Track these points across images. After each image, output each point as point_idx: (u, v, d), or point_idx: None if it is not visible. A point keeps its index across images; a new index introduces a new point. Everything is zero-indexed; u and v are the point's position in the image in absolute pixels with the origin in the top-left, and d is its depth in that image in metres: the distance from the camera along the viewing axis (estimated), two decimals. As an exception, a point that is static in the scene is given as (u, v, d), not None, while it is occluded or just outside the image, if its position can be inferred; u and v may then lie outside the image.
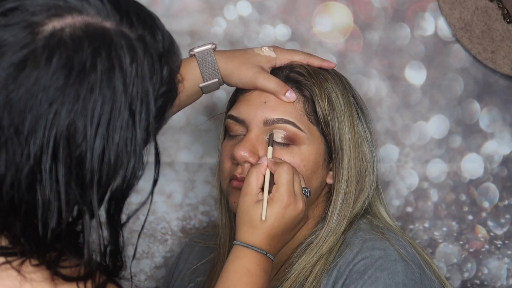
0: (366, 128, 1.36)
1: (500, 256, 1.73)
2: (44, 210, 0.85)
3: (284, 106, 1.31)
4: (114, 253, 0.93)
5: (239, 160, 1.29)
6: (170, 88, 0.92)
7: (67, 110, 0.84)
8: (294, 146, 1.30)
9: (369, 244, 1.27)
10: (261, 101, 1.32)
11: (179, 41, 1.67)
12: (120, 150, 0.87)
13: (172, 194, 1.71)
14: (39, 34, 0.84)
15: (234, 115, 1.33)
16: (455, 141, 1.71)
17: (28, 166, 0.84)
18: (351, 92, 1.37)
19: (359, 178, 1.32)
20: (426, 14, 1.68)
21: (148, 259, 1.71)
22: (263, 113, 1.30)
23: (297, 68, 1.34)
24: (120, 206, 0.93)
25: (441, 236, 1.72)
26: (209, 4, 1.67)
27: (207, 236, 1.54)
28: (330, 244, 1.29)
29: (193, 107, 1.69)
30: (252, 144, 1.30)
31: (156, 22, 0.93)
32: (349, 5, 1.67)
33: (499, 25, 1.65)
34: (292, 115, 1.30)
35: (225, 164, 1.34)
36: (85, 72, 0.84)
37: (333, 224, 1.30)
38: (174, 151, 1.69)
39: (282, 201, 1.22)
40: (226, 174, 1.33)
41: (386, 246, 1.27)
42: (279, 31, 1.68)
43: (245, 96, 1.34)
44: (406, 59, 1.69)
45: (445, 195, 1.72)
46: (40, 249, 0.87)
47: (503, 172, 1.72)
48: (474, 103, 1.71)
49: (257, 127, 1.31)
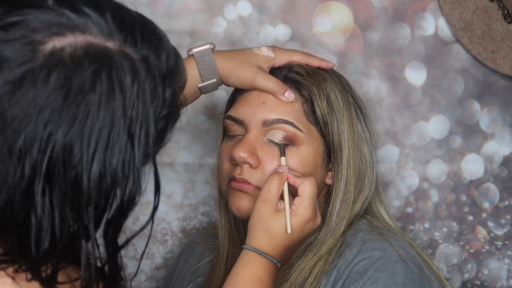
0: (365, 128, 1.35)
1: (500, 256, 1.73)
2: (37, 232, 0.83)
3: (283, 106, 1.30)
4: (113, 272, 0.91)
5: (238, 161, 1.28)
6: (171, 110, 0.89)
7: (63, 133, 0.81)
8: (293, 146, 1.29)
9: (369, 245, 1.27)
10: (260, 102, 1.31)
11: (179, 41, 1.68)
12: (117, 174, 0.85)
13: (172, 195, 1.71)
14: (39, 52, 0.82)
15: (233, 116, 1.33)
16: (455, 141, 1.71)
17: (21, 188, 0.81)
18: (350, 92, 1.36)
19: (358, 179, 1.32)
20: (426, 14, 1.68)
21: (148, 260, 1.71)
22: (262, 114, 1.30)
23: (295, 68, 1.33)
24: (117, 229, 0.91)
25: (441, 237, 1.72)
26: (209, 4, 1.67)
27: (207, 237, 1.53)
28: (330, 245, 1.28)
29: (193, 107, 1.69)
30: (251, 144, 1.29)
31: (161, 42, 0.89)
32: (349, 5, 1.67)
33: (499, 25, 1.65)
34: (290, 115, 1.30)
35: (224, 164, 1.33)
36: (84, 93, 0.82)
37: (332, 224, 1.29)
38: (174, 151, 1.69)
39: (305, 215, 1.22)
40: (225, 175, 1.32)
41: (386, 247, 1.26)
42: (279, 31, 1.68)
43: (243, 97, 1.34)
44: (406, 59, 1.69)
45: (445, 196, 1.72)
46: (33, 266, 0.85)
47: (503, 172, 1.72)
48: (474, 104, 1.71)
49: (256, 128, 1.30)
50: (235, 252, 1.38)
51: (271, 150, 1.29)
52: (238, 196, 1.29)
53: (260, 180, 1.28)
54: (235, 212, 1.30)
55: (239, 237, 1.40)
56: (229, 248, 1.40)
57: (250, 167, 1.28)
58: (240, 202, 1.29)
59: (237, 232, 1.40)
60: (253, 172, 1.29)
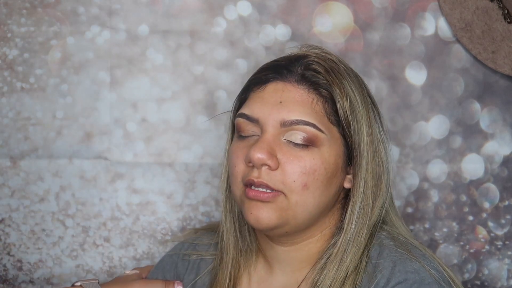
0: (382, 129, 1.30)
1: (500, 256, 1.73)
2: None
3: (302, 107, 1.23)
4: None
5: (256, 163, 1.20)
6: None
7: None
8: (314, 147, 1.22)
9: (401, 267, 1.20)
10: (276, 100, 1.23)
11: (179, 41, 1.68)
12: None
13: (172, 195, 1.71)
14: None
15: (247, 114, 1.25)
16: (456, 141, 1.71)
17: None
18: (366, 91, 1.30)
19: (375, 182, 1.26)
20: (427, 14, 1.68)
21: (148, 260, 1.71)
22: (280, 114, 1.22)
23: (313, 65, 1.25)
24: None
25: (441, 237, 1.72)
26: (209, 4, 1.67)
27: (200, 247, 1.44)
28: (353, 258, 1.22)
29: (193, 107, 1.69)
30: (270, 145, 1.21)
31: None
32: (349, 5, 1.67)
33: (499, 25, 1.65)
34: (312, 116, 1.22)
35: (238, 167, 1.24)
36: None
37: (351, 232, 1.23)
38: (174, 152, 1.69)
39: None
40: (240, 178, 1.24)
41: (418, 268, 1.20)
42: (279, 31, 1.68)
43: (257, 94, 1.26)
44: (406, 59, 1.69)
45: (445, 196, 1.72)
46: None
47: (504, 172, 1.72)
48: (475, 104, 1.71)
49: (273, 128, 1.23)
50: (240, 258, 1.34)
51: (291, 150, 1.22)
52: (256, 206, 1.22)
53: (280, 182, 1.21)
54: (252, 223, 1.23)
55: (244, 244, 1.35)
56: (234, 255, 1.34)
57: (269, 169, 1.21)
58: (259, 213, 1.21)
59: (241, 238, 1.34)
60: (272, 174, 1.21)
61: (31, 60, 1.68)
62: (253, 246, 1.35)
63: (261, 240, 1.34)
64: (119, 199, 1.70)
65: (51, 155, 1.69)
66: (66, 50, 1.68)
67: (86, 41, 1.68)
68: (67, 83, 1.69)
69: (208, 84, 1.69)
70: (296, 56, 1.28)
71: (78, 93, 1.69)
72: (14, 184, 1.69)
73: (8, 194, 1.70)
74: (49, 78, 1.69)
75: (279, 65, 1.28)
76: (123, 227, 1.71)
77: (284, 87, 1.25)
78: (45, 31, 1.68)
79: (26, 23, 1.68)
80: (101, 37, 1.69)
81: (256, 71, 1.30)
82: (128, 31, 1.68)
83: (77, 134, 1.69)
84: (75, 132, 1.69)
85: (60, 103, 1.69)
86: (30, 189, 1.70)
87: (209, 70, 1.69)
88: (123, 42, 1.68)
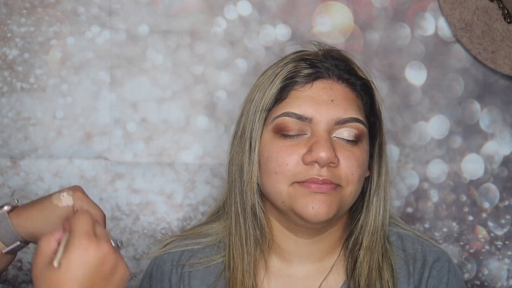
0: (384, 123, 1.38)
1: (500, 256, 1.73)
2: None
3: (352, 104, 1.28)
4: None
5: (324, 162, 1.23)
6: None
7: None
8: (360, 142, 1.28)
9: (428, 249, 1.36)
10: (327, 99, 1.27)
11: (179, 41, 1.68)
12: None
13: (172, 195, 1.71)
14: None
15: (297, 113, 1.26)
16: (456, 141, 1.71)
17: None
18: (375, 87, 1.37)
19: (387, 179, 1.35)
20: (427, 14, 1.68)
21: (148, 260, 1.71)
22: (335, 113, 1.26)
23: (348, 63, 1.32)
24: None
25: (441, 237, 1.72)
26: (209, 4, 1.67)
27: (202, 252, 1.39)
28: (380, 242, 1.32)
29: (193, 107, 1.69)
30: (331, 143, 1.25)
31: None
32: (349, 5, 1.67)
33: (499, 25, 1.65)
34: (358, 113, 1.28)
35: (290, 165, 1.25)
36: None
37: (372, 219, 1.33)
38: (174, 151, 1.69)
39: None
40: (292, 178, 1.25)
41: (439, 248, 1.38)
42: (279, 31, 1.68)
43: (302, 93, 1.28)
44: (406, 59, 1.69)
45: (445, 196, 1.72)
46: None
47: (504, 172, 1.72)
48: (475, 104, 1.71)
49: (327, 126, 1.26)
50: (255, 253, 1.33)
51: (345, 146, 1.26)
52: (318, 200, 1.24)
53: (338, 178, 1.25)
54: (309, 216, 1.25)
55: (260, 238, 1.33)
56: (249, 249, 1.32)
57: (332, 166, 1.25)
58: (322, 207, 1.24)
59: (254, 233, 1.33)
60: (333, 171, 1.25)
61: (31, 60, 1.68)
62: (267, 241, 1.34)
63: (278, 235, 1.34)
64: (119, 199, 1.70)
65: (51, 155, 1.69)
66: (66, 50, 1.68)
67: (86, 41, 1.68)
68: (67, 83, 1.69)
69: (208, 84, 1.69)
70: (326, 53, 1.33)
71: (78, 93, 1.69)
72: (14, 184, 1.69)
73: (8, 194, 1.70)
74: (49, 78, 1.69)
75: (316, 63, 1.30)
76: (123, 227, 1.71)
77: (331, 86, 1.29)
78: (45, 31, 1.68)
79: (26, 23, 1.68)
80: (101, 37, 1.69)
81: (283, 69, 1.31)
82: (128, 31, 1.68)
83: (77, 134, 1.69)
84: (75, 132, 1.69)
85: (60, 103, 1.69)
86: (30, 189, 1.70)
87: (209, 70, 1.69)
88: (123, 42, 1.68)
